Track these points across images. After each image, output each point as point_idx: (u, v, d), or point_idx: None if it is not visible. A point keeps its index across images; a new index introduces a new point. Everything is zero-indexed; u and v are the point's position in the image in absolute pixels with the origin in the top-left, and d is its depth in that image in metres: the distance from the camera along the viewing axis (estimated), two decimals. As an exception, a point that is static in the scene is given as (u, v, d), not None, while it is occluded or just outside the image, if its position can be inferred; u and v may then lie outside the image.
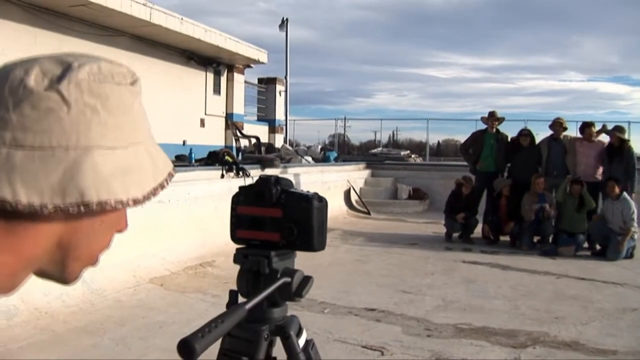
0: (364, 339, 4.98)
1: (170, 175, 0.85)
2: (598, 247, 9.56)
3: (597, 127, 10.68)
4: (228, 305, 1.25)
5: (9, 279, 0.75)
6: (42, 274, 0.81)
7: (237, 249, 1.42)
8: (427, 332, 5.27)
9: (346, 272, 7.60)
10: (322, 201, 1.38)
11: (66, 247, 0.78)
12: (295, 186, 1.46)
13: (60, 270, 0.81)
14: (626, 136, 10.35)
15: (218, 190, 9.08)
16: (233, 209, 1.42)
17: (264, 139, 19.55)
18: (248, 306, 1.02)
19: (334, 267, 7.63)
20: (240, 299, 1.26)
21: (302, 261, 1.46)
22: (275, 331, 1.41)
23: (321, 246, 1.38)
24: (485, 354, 4.74)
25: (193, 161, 11.59)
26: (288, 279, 1.31)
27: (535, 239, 10.11)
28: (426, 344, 4.94)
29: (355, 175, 15.85)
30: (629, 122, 21.73)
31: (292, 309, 1.47)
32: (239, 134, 16.99)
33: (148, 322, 5.32)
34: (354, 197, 14.96)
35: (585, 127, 10.62)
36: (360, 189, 15.66)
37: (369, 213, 14.31)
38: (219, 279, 6.92)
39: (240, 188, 1.44)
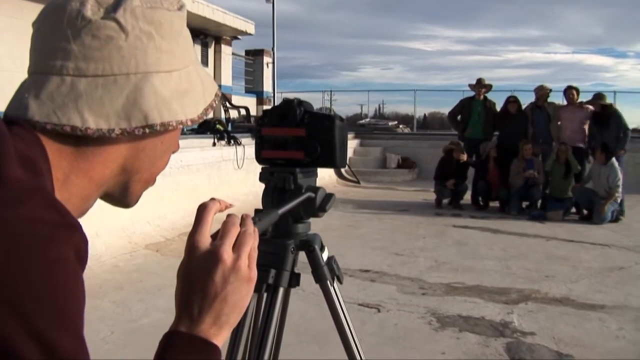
0: (360, 298, 5.07)
1: (217, 96, 0.91)
2: (585, 212, 9.69)
3: (583, 96, 10.80)
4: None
5: (83, 201, 0.82)
6: (106, 196, 0.88)
7: (263, 169, 1.49)
8: (421, 291, 5.38)
9: (339, 236, 7.67)
10: (343, 121, 1.44)
11: (130, 169, 0.85)
12: None
13: (124, 192, 0.88)
14: (607, 101, 10.40)
15: (210, 158, 9.14)
16: (258, 131, 1.49)
17: (252, 110, 19.54)
18: (280, 211, 1.09)
19: (327, 232, 7.62)
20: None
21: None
22: (300, 245, 1.48)
23: (343, 163, 1.46)
24: (480, 309, 4.85)
25: (185, 130, 11.60)
26: (312, 195, 1.38)
27: (524, 204, 10.22)
28: (421, 302, 5.04)
29: (344, 145, 15.85)
30: (614, 93, 21.80)
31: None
32: (228, 104, 16.97)
33: (146, 285, 5.38)
34: (343, 167, 15.01)
35: (568, 89, 10.68)
36: (350, 158, 15.71)
37: (358, 182, 14.39)
38: (213, 244, 6.99)
39: (264, 111, 1.50)
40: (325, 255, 1.53)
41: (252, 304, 1.45)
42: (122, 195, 0.88)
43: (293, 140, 1.43)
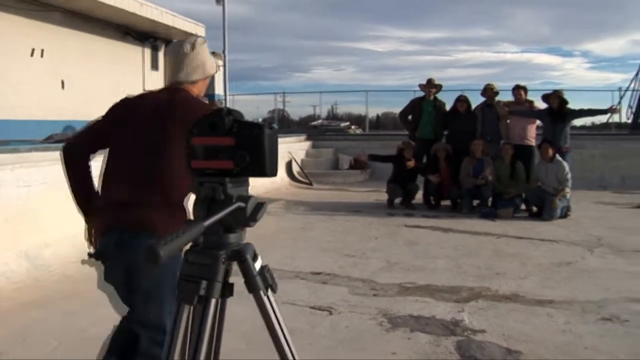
0: (311, 301, 5.07)
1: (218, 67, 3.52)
2: (534, 208, 9.84)
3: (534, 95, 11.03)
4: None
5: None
6: None
7: (192, 179, 1.47)
8: (373, 292, 5.39)
9: (291, 239, 7.67)
10: (273, 129, 1.43)
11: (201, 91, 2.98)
12: None
13: None
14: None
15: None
16: (187, 141, 1.47)
17: (204, 114, 19.39)
18: (206, 223, 1.08)
19: (279, 235, 7.69)
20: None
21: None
22: (232, 256, 1.47)
23: (273, 172, 1.45)
24: (431, 309, 4.89)
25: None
26: (242, 204, 1.37)
27: (475, 202, 10.33)
28: (373, 303, 5.06)
29: (296, 147, 15.86)
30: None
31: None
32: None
33: (97, 294, 5.28)
34: (295, 169, 15.02)
35: (516, 88, 10.85)
36: (302, 160, 15.72)
37: (311, 184, 14.39)
38: (164, 250, 6.90)
39: (194, 122, 1.49)
40: (258, 265, 1.52)
41: (184, 315, 1.43)
42: None
43: (222, 150, 1.41)
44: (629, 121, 19.50)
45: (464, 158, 10.33)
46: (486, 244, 7.58)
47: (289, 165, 14.79)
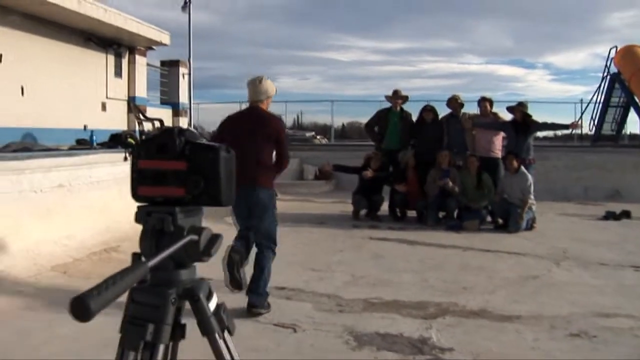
0: (275, 317, 4.93)
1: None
2: (500, 220, 9.81)
3: (498, 106, 11.04)
4: (131, 270, 1.14)
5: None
6: None
7: (139, 207, 1.31)
8: (338, 308, 5.27)
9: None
10: (230, 152, 1.29)
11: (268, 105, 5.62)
12: None
13: None
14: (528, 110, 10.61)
15: (121, 173, 8.77)
16: (134, 164, 1.31)
17: (168, 122, 19.11)
18: (150, 263, 0.93)
19: (243, 248, 7.50)
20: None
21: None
22: (184, 294, 1.30)
23: (229, 201, 1.30)
24: (398, 326, 4.77)
25: (95, 144, 11.21)
26: (195, 237, 1.22)
27: (441, 214, 10.27)
28: (338, 319, 4.93)
29: (261, 157, 15.64)
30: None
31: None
32: (142, 117, 16.62)
33: (51, 310, 5.08)
34: (260, 179, 14.82)
35: (481, 101, 10.86)
36: (267, 170, 15.53)
37: (275, 194, 14.21)
38: (124, 263, 6.58)
39: (142, 141, 1.33)
40: (213, 304, 1.36)
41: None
42: None
43: (173, 175, 1.26)
44: (591, 133, 19.65)
45: (431, 169, 10.26)
46: (452, 257, 7.50)
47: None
